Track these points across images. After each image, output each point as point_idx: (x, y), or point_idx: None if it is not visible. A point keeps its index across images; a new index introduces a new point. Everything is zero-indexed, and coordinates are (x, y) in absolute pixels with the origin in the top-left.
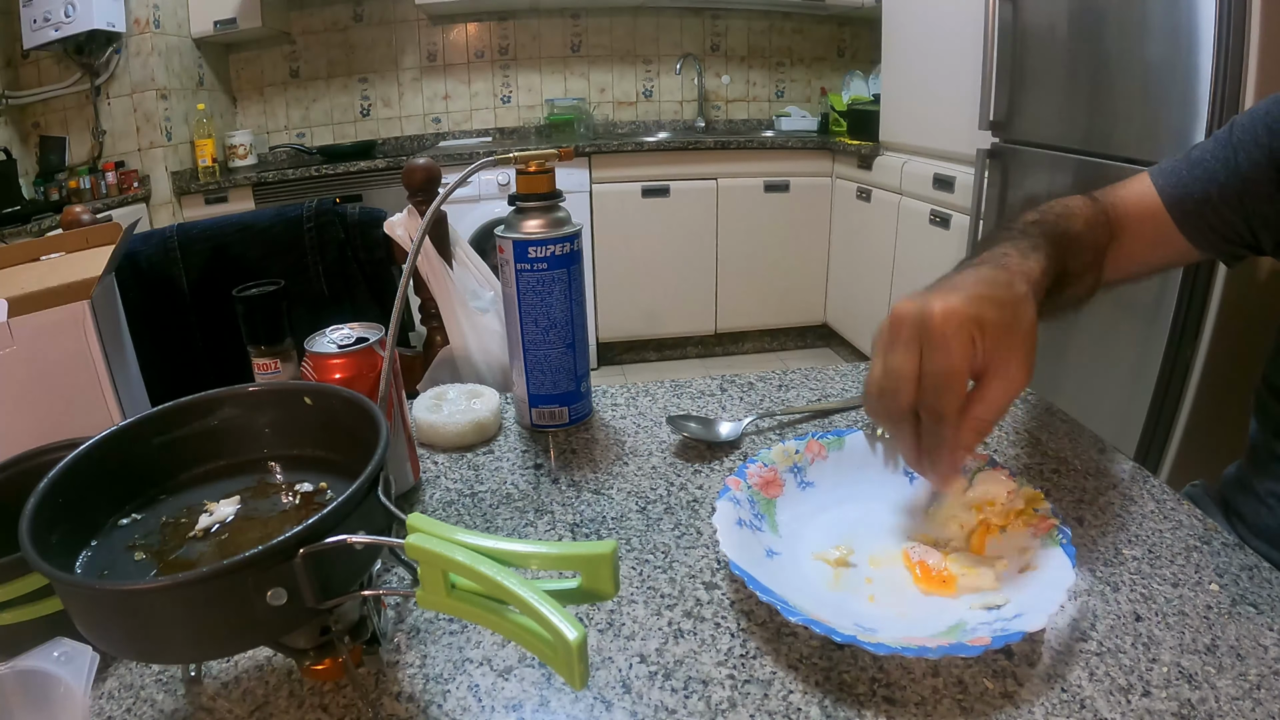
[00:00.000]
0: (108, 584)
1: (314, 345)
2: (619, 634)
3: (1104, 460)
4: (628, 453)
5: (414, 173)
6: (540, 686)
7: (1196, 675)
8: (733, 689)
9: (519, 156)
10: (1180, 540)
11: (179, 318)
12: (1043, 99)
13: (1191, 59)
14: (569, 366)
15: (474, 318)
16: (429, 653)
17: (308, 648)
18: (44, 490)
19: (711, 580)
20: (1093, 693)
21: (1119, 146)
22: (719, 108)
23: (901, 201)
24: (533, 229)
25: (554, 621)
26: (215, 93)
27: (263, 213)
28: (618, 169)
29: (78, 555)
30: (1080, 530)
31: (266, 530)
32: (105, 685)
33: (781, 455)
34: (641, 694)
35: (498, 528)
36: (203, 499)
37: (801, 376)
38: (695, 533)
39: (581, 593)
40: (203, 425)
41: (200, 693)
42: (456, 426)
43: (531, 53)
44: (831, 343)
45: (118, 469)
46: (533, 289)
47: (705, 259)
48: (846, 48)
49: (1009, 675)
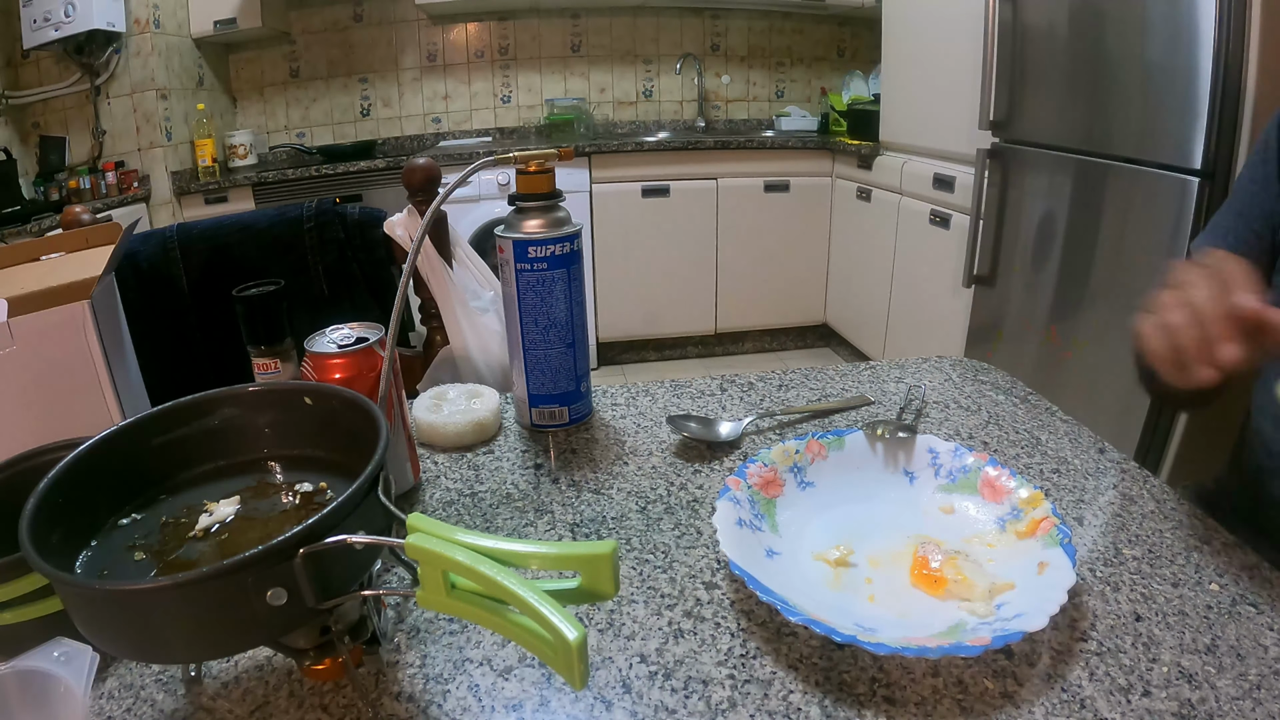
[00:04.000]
0: (108, 584)
1: (314, 345)
2: (619, 634)
3: (1104, 460)
4: (628, 453)
5: (414, 173)
6: (540, 686)
7: (1197, 675)
8: (733, 689)
9: (519, 156)
10: (1180, 540)
11: (179, 318)
12: (1043, 99)
13: (1192, 59)
14: (569, 366)
15: (474, 317)
16: (429, 653)
17: (308, 648)
18: (44, 490)
19: (711, 580)
20: (1093, 693)
21: (1119, 146)
22: (719, 108)
23: (901, 201)
24: (533, 229)
25: (554, 621)
26: (215, 93)
27: (263, 213)
28: (618, 169)
29: (78, 555)
30: (1080, 530)
31: (266, 530)
32: (105, 685)
33: (781, 455)
34: (641, 694)
35: (498, 528)
36: (203, 499)
37: (801, 376)
38: (695, 533)
39: (581, 593)
40: (203, 425)
41: (200, 693)
42: (456, 426)
43: (531, 53)
44: (831, 343)
45: (118, 469)
46: (533, 289)
47: (705, 259)
48: (846, 47)
49: (1009, 675)
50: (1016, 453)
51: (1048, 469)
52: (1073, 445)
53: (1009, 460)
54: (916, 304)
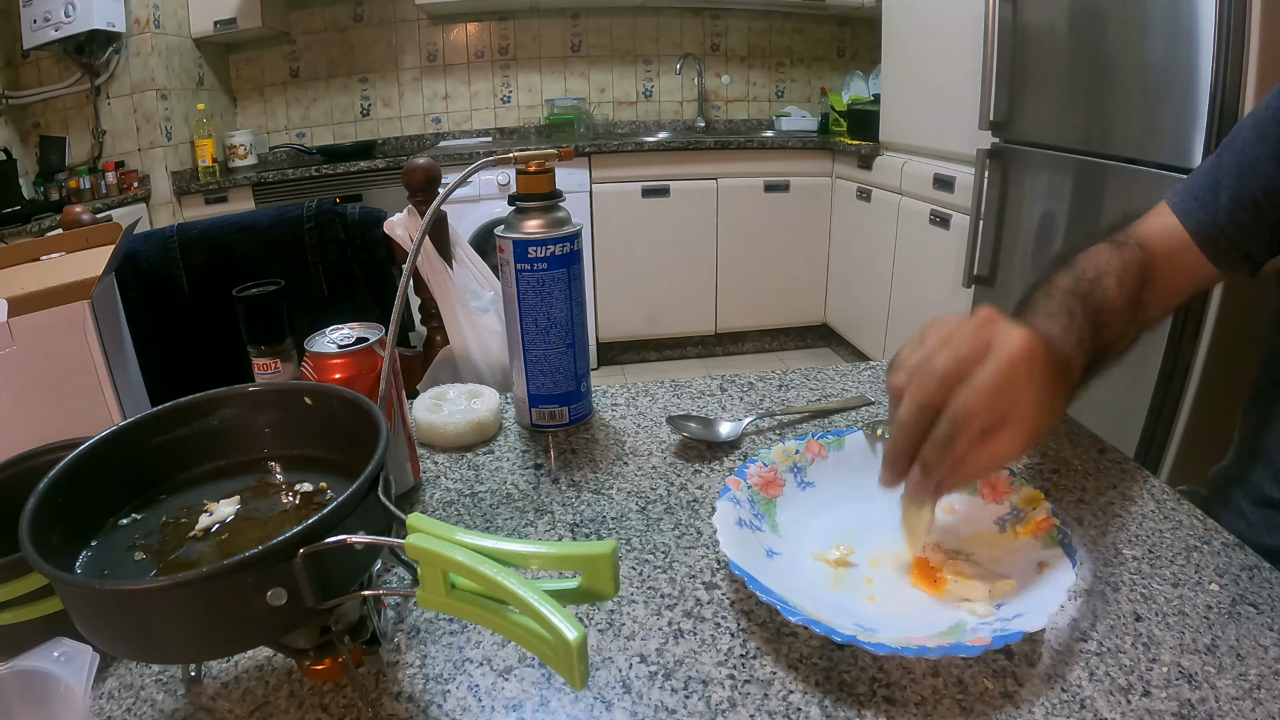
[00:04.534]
0: (108, 584)
1: (314, 345)
2: (619, 634)
3: (1104, 460)
4: (628, 453)
5: (414, 173)
6: (540, 686)
7: (1197, 675)
8: (733, 689)
9: (519, 156)
10: (1180, 540)
11: (179, 318)
12: (1043, 99)
13: (1192, 59)
14: (569, 366)
15: (474, 317)
16: (429, 653)
17: (308, 648)
18: (44, 490)
19: (711, 580)
20: (1093, 693)
21: (1119, 147)
22: (719, 108)
23: (901, 201)
24: (533, 229)
25: (554, 621)
26: (215, 93)
27: (263, 213)
28: (618, 169)
29: (78, 555)
30: (1080, 530)
31: (266, 530)
32: (105, 685)
33: (781, 455)
34: (641, 694)
35: (498, 528)
36: (203, 499)
37: (801, 376)
38: (695, 533)
39: (581, 593)
40: (203, 425)
41: (200, 693)
42: (456, 426)
43: (531, 53)
44: (831, 343)
45: (118, 469)
46: (533, 289)
47: (705, 259)
48: (846, 47)
49: (1009, 675)
50: None
51: (1047, 469)
52: (1072, 445)
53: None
54: (917, 304)
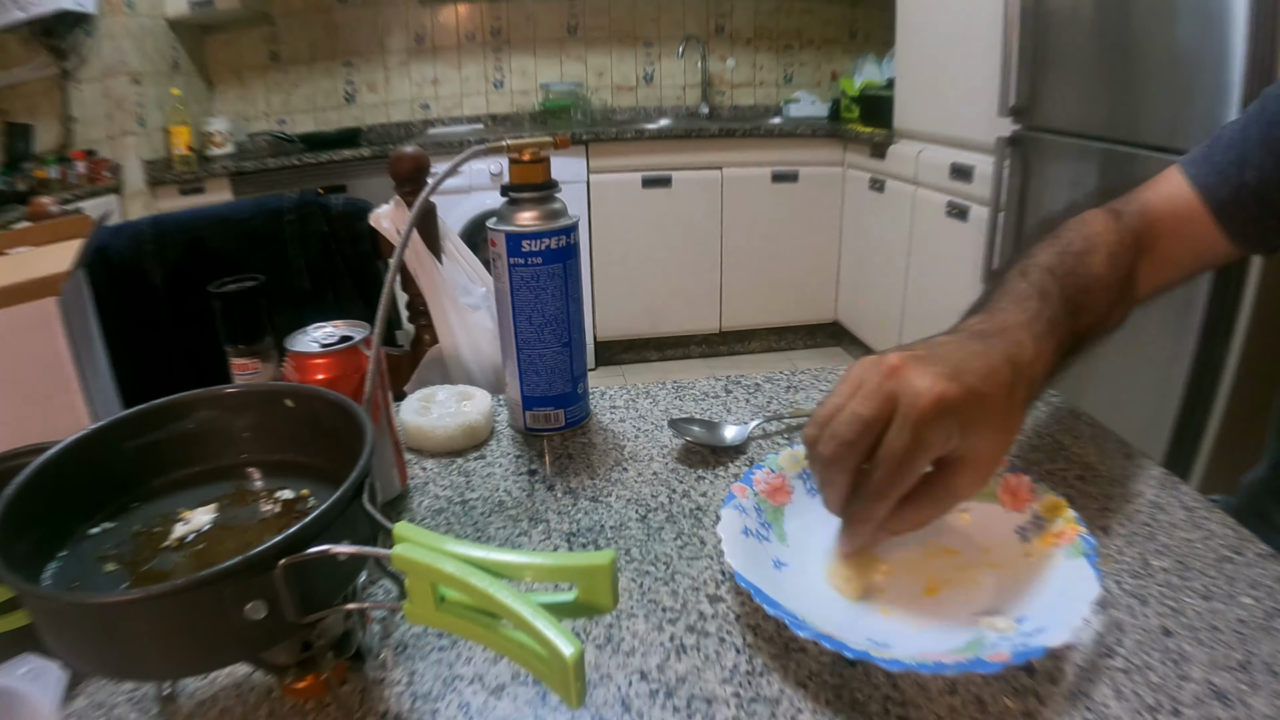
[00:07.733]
0: (77, 596)
1: (295, 344)
2: (618, 650)
3: (1131, 466)
4: (627, 458)
5: (401, 161)
6: (535, 705)
7: (1229, 694)
8: (738, 708)
9: (512, 144)
10: (1212, 550)
11: (153, 315)
12: (1066, 84)
13: (1223, 41)
14: (565, 367)
15: (464, 315)
16: (417, 669)
17: (288, 664)
18: (9, 498)
19: (716, 593)
20: (1119, 711)
21: (1146, 134)
22: (724, 93)
23: (917, 192)
24: (527, 221)
25: (549, 636)
26: (191, 77)
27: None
28: (616, 158)
29: (45, 566)
30: (1106, 540)
31: (245, 540)
32: (75, 704)
33: (790, 460)
34: (642, 713)
35: (490, 537)
36: (178, 507)
37: (811, 377)
38: (699, 543)
39: (578, 606)
40: (178, 429)
41: (175, 712)
42: (446, 430)
43: (525, 34)
44: (843, 342)
45: (88, 475)
46: (527, 284)
47: (709, 253)
48: (859, 29)
49: (1031, 693)
50: (1038, 458)
51: (1071, 475)
52: (1098, 450)
53: (1030, 466)
54: (933, 301)
